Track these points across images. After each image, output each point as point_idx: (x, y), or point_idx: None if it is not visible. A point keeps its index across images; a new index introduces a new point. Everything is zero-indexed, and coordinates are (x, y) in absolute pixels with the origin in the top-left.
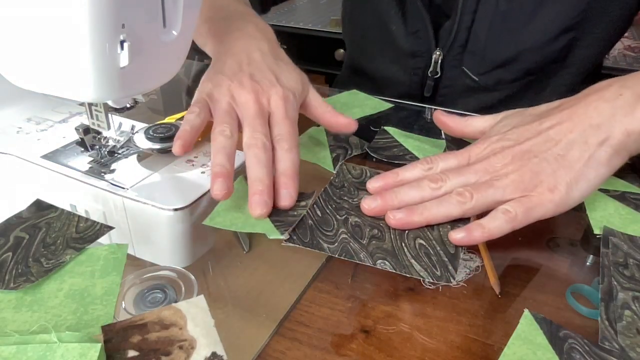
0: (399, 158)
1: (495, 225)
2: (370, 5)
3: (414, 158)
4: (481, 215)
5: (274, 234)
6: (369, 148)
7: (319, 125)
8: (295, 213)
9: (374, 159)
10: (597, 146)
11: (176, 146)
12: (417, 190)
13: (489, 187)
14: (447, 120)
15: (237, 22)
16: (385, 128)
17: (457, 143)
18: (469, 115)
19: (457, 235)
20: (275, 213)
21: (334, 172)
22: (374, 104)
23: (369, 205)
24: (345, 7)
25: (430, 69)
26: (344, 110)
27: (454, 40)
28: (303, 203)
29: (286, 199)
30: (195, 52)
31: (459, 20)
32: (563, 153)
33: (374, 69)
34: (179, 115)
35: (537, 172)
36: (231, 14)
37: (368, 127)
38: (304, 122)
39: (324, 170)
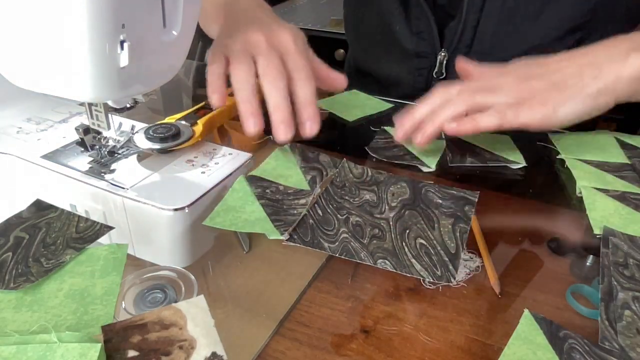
0: (399, 158)
1: (486, 120)
2: (374, 6)
3: (414, 158)
4: None
5: (274, 234)
6: (369, 148)
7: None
8: (295, 212)
9: (374, 159)
10: (588, 80)
11: (213, 99)
12: (429, 103)
13: (490, 92)
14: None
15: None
16: (385, 128)
17: (457, 144)
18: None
19: (450, 125)
20: (275, 212)
21: (314, 194)
22: (374, 104)
23: (398, 135)
24: (348, 8)
25: (435, 69)
26: (344, 110)
27: (459, 40)
28: (302, 202)
29: (312, 128)
30: (201, 35)
31: (465, 20)
32: (557, 81)
33: (378, 69)
34: (179, 116)
35: (532, 89)
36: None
37: (368, 127)
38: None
39: None
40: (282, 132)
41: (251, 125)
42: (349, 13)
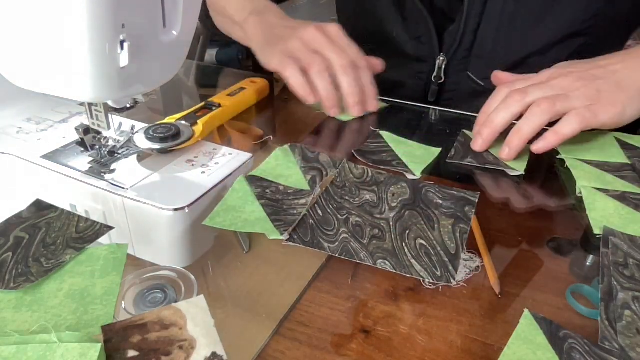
0: (385, 163)
1: (568, 129)
2: (370, 12)
3: (401, 164)
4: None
5: (274, 234)
6: (357, 151)
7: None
8: (295, 212)
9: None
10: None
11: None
12: (506, 110)
13: (566, 98)
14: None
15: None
16: (381, 132)
17: (464, 144)
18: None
19: (537, 146)
20: (275, 212)
21: (315, 194)
22: None
23: (477, 145)
24: (343, 13)
25: (434, 74)
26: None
27: (459, 45)
28: (302, 201)
29: (376, 105)
30: (201, 35)
31: (465, 24)
32: (619, 81)
33: (380, 73)
34: (179, 115)
35: (601, 91)
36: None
37: (368, 127)
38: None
39: None
40: (357, 111)
41: (334, 113)
42: (343, 20)
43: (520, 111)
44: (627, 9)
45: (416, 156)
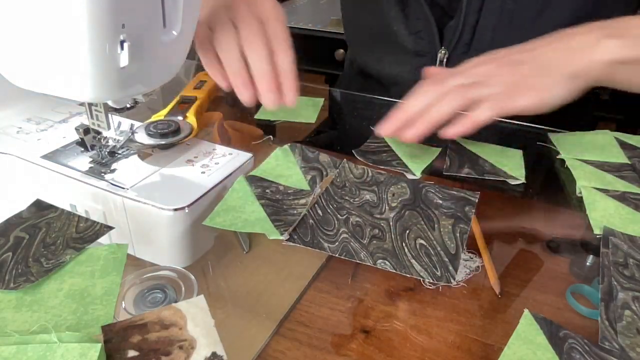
0: (385, 163)
1: (482, 115)
2: (371, 8)
3: (401, 164)
4: None
5: (274, 234)
6: (357, 152)
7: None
8: (295, 212)
9: (370, 164)
10: (566, 64)
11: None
12: (420, 99)
13: (482, 85)
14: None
15: None
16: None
17: (459, 152)
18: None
19: (447, 131)
20: (275, 212)
21: (314, 194)
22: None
23: (383, 128)
24: (346, 9)
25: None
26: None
27: (458, 40)
28: (302, 201)
29: (292, 99)
30: None
31: (464, 19)
32: (541, 66)
33: (378, 69)
34: (165, 111)
35: (524, 75)
36: None
37: (368, 126)
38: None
39: None
40: (270, 100)
41: (246, 97)
42: (346, 15)
43: (433, 100)
44: (621, 5)
45: (416, 156)
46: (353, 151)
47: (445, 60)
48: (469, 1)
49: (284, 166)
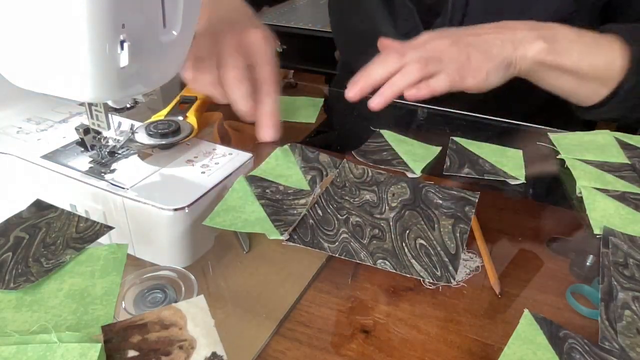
0: (386, 162)
1: (439, 85)
2: (358, 11)
3: (401, 163)
4: None
5: (274, 234)
6: (357, 152)
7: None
8: (295, 212)
9: (370, 164)
10: (507, 53)
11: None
12: (383, 66)
13: (439, 60)
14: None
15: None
16: (382, 131)
17: (458, 152)
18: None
19: (409, 92)
20: (275, 212)
21: (315, 194)
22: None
23: (350, 92)
24: (334, 13)
25: None
26: (297, 114)
27: None
28: (302, 201)
29: (271, 135)
30: None
31: (450, 18)
32: (488, 49)
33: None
34: (165, 112)
35: (470, 57)
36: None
37: (368, 126)
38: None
39: None
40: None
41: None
42: (335, 19)
43: (396, 69)
44: (593, 15)
45: (417, 154)
46: (353, 152)
47: None
48: (455, 0)
49: (284, 166)
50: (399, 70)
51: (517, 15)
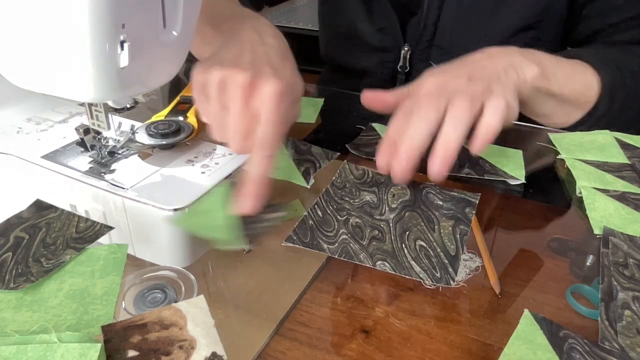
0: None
1: (494, 120)
2: (338, 5)
3: None
4: None
5: (237, 244)
6: (350, 145)
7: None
8: (268, 224)
9: (374, 159)
10: (514, 80)
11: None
12: (424, 120)
13: (476, 98)
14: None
15: (246, 20)
16: (373, 125)
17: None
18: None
19: (474, 147)
20: (247, 222)
21: (308, 186)
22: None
23: (397, 179)
24: (320, 11)
25: (400, 63)
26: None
27: (421, 36)
28: (274, 215)
29: (248, 206)
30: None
31: (426, 16)
32: (499, 80)
33: (347, 63)
34: (165, 112)
35: (492, 90)
36: (239, 14)
37: (354, 125)
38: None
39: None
40: (236, 146)
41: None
42: (320, 18)
43: (438, 119)
44: (559, 24)
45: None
46: (347, 145)
47: (408, 56)
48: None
49: (277, 159)
50: (440, 117)
51: (487, 17)
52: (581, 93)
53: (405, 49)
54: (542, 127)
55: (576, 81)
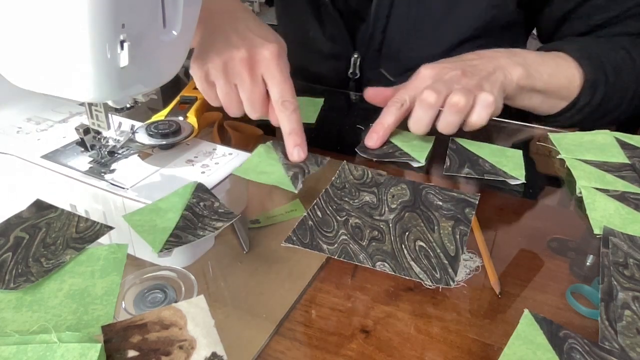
0: (389, 155)
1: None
2: (289, 15)
3: (404, 154)
4: None
5: (155, 249)
6: (358, 149)
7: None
8: (205, 233)
9: (374, 159)
10: (501, 79)
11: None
12: (425, 113)
13: (470, 94)
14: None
15: (211, 3)
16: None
17: (458, 152)
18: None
19: (468, 127)
20: (186, 227)
21: (296, 191)
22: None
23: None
24: (278, 15)
25: (350, 70)
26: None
27: (369, 44)
28: (220, 225)
29: (300, 155)
30: None
31: (373, 25)
32: (488, 77)
33: (302, 68)
34: (165, 112)
35: (482, 85)
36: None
37: (354, 125)
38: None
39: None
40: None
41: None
42: (277, 19)
43: (436, 112)
44: (517, 17)
45: (415, 145)
46: (356, 149)
47: (358, 62)
48: (378, 7)
49: (266, 163)
50: (436, 112)
51: (434, 26)
52: (564, 87)
53: (355, 56)
54: (542, 127)
55: (560, 76)
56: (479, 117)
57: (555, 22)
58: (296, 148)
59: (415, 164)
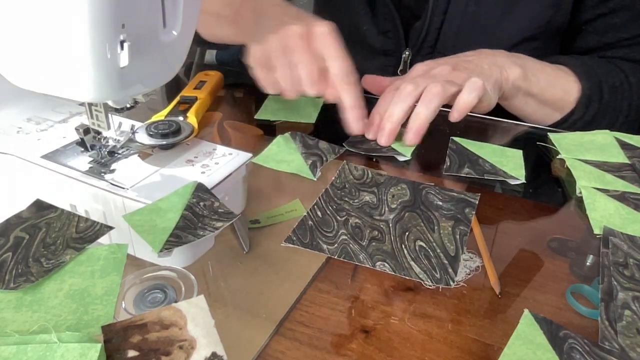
0: (376, 151)
1: (470, 98)
2: (341, 7)
3: (390, 149)
4: None
5: (155, 249)
6: (347, 143)
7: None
8: (204, 233)
9: (374, 159)
10: (497, 76)
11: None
12: (402, 102)
13: (452, 83)
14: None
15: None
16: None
17: (458, 152)
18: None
19: (453, 116)
20: (186, 227)
21: (315, 178)
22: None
23: (382, 140)
24: (318, 8)
25: (400, 67)
26: (297, 114)
27: (423, 41)
28: (220, 224)
29: (361, 128)
30: (201, 43)
31: (429, 22)
32: (483, 72)
33: None
34: (165, 112)
35: (459, 78)
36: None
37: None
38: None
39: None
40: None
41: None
42: (318, 14)
43: (414, 101)
44: (566, 20)
45: (402, 141)
46: (344, 144)
47: (409, 61)
48: (435, 3)
49: (286, 152)
50: (416, 99)
51: (492, 25)
52: (560, 98)
53: (407, 53)
54: (542, 127)
55: (557, 87)
56: (467, 97)
57: (571, 32)
58: (358, 121)
59: (401, 158)
